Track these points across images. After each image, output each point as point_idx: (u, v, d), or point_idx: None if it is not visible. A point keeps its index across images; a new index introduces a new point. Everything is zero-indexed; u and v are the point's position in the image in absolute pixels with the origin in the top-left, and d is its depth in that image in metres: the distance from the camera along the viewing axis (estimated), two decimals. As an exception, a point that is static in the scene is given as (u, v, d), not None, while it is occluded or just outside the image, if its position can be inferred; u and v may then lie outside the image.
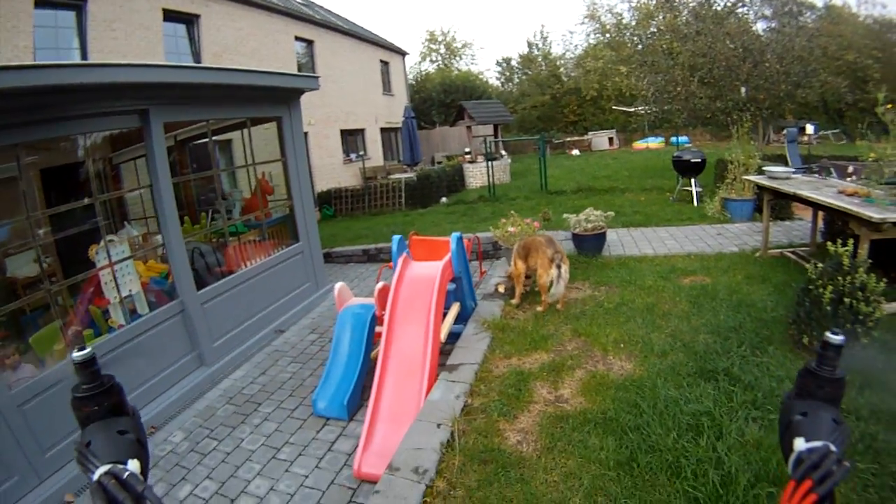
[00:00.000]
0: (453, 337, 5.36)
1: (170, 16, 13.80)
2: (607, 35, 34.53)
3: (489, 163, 16.04)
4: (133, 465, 1.23)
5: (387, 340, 4.72)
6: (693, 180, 11.01)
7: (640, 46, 17.05)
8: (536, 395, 4.01)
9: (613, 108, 32.38)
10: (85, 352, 1.31)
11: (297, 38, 19.25)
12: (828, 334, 1.25)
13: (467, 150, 21.68)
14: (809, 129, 16.19)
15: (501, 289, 6.48)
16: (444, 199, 15.97)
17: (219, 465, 4.33)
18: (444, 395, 4.10)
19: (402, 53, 29.28)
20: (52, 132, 5.17)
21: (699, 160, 10.85)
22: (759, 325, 4.71)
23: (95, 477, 1.16)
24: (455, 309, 5.56)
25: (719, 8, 14.34)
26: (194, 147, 8.88)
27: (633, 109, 25.06)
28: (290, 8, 19.00)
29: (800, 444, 1.16)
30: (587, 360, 4.47)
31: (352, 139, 22.77)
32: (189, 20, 14.62)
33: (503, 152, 23.55)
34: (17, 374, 4.83)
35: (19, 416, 4.24)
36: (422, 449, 3.43)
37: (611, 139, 31.82)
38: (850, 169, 7.16)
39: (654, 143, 29.36)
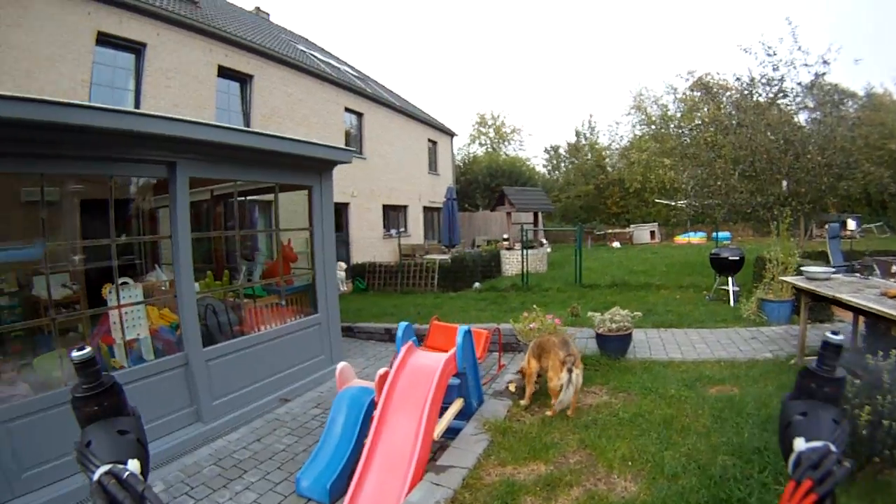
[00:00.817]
0: (452, 432, 5.05)
1: (224, 72, 14.45)
2: (652, 126, 34.68)
3: (524, 251, 15.84)
4: (133, 465, 1.24)
5: (377, 429, 4.46)
6: (730, 279, 10.58)
7: (685, 139, 16.91)
8: (524, 511, 3.61)
9: (656, 200, 32.16)
10: (84, 352, 1.31)
11: (347, 110, 19.75)
12: (827, 334, 1.28)
13: (505, 236, 21.57)
14: (851, 224, 15.70)
15: (512, 387, 6.13)
16: (477, 285, 15.66)
17: (188, 526, 4.11)
18: (423, 498, 3.76)
19: (451, 134, 29.85)
20: (82, 170, 5.48)
21: (737, 258, 10.47)
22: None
23: (95, 477, 1.16)
24: (457, 405, 5.24)
25: (761, 99, 14.09)
26: (229, 204, 8.95)
27: (674, 203, 24.83)
28: (343, 79, 19.64)
29: (800, 444, 1.18)
30: (588, 476, 4.04)
31: (394, 214, 23.05)
32: (243, 80, 15.25)
33: (544, 240, 23.42)
34: (12, 389, 4.95)
35: (3, 432, 4.29)
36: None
37: (652, 233, 31.58)
38: (895, 268, 6.73)
39: (696, 237, 28.97)
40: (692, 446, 4.34)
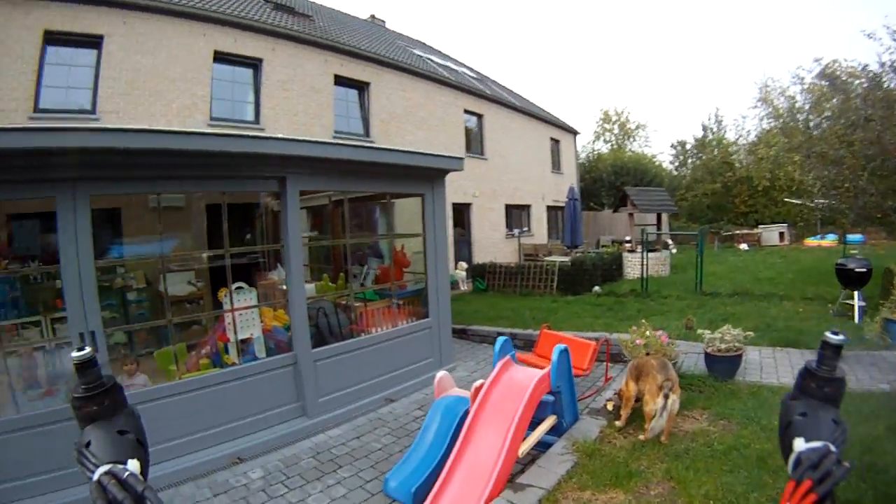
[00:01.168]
0: (544, 445, 5.11)
1: (341, 81, 14.97)
2: (780, 120, 32.45)
3: (644, 254, 15.42)
4: (133, 465, 1.28)
5: (464, 440, 4.62)
6: (857, 293, 9.38)
7: (814, 133, 15.65)
8: (592, 544, 3.54)
9: (785, 199, 30.09)
10: (84, 352, 1.37)
11: (467, 112, 19.80)
12: (827, 334, 1.32)
13: (628, 238, 20.95)
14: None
15: (610, 406, 5.94)
16: (596, 288, 15.25)
17: (278, 513, 4.47)
18: (495, 516, 3.82)
19: (574, 132, 29.41)
20: (197, 188, 6.29)
21: (864, 270, 9.30)
22: (883, 502, 3.74)
23: (95, 477, 1.20)
24: (549, 422, 5.24)
25: (892, 86, 12.46)
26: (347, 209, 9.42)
27: (801, 202, 23.27)
28: (461, 82, 19.75)
29: (799, 444, 1.21)
30: (665, 513, 3.89)
31: (517, 214, 23.07)
32: (360, 87, 15.70)
33: (669, 241, 22.62)
34: (132, 380, 5.65)
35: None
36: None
37: (781, 234, 29.54)
38: None
39: (826, 240, 26.80)
40: (780, 491, 4.07)
